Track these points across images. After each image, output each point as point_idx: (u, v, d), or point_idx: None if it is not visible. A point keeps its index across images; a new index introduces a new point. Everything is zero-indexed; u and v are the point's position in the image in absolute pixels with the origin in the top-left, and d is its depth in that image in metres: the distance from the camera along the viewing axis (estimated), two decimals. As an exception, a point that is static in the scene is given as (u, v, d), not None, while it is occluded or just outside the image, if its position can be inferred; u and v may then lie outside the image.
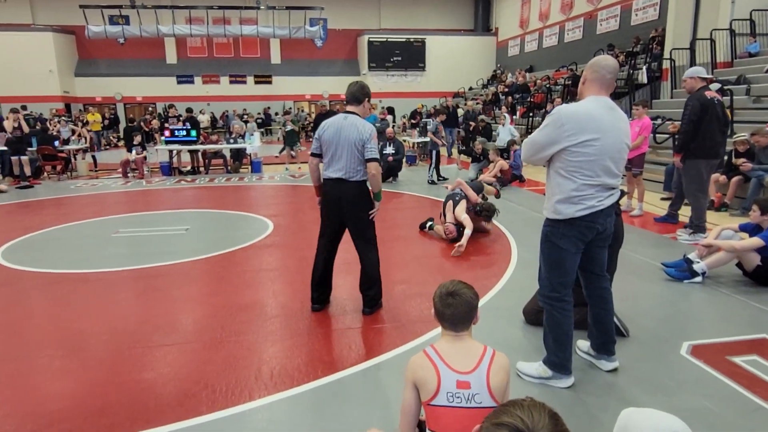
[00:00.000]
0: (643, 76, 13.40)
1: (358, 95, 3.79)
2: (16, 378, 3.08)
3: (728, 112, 7.01)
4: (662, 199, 8.26)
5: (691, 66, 11.67)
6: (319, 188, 3.94)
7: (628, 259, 5.01)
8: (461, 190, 6.27)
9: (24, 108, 11.49)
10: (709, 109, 5.56)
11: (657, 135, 9.79)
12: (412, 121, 20.42)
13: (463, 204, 6.01)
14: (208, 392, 2.87)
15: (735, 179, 7.37)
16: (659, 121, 10.08)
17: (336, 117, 3.80)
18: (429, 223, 6.50)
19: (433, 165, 10.67)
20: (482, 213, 6.06)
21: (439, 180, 10.66)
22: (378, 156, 3.73)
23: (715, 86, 8.78)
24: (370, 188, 3.85)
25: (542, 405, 1.22)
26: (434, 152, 10.65)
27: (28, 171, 11.16)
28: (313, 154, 3.90)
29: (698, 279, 4.41)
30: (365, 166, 3.70)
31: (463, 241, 5.53)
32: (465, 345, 1.92)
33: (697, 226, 5.87)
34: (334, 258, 4.06)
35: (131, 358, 3.29)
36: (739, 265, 4.44)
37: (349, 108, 3.81)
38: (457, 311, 1.89)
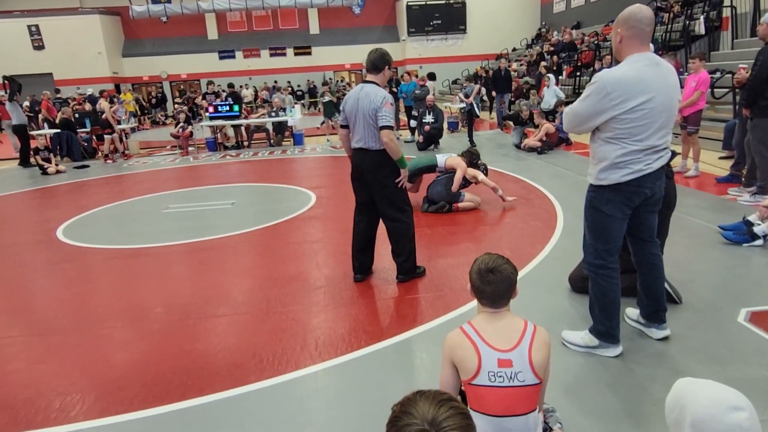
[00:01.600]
0: (700, 27, 12.51)
1: (378, 63, 3.75)
2: (81, 349, 3.28)
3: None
4: (720, 158, 7.80)
5: (755, 13, 10.82)
6: (351, 157, 3.97)
7: (682, 222, 4.78)
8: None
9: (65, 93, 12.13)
10: None
11: (715, 90, 9.18)
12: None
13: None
14: (256, 362, 2.97)
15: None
16: (718, 75, 9.44)
17: (355, 88, 3.83)
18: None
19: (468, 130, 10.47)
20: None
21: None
22: (392, 123, 3.67)
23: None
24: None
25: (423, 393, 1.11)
26: (470, 117, 10.43)
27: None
28: (342, 126, 3.97)
29: (759, 242, 4.17)
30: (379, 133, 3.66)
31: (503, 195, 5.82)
32: (505, 321, 1.84)
33: (762, 187, 5.52)
34: (376, 228, 4.05)
35: (184, 330, 3.44)
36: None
37: (369, 77, 3.80)
38: (498, 288, 1.80)
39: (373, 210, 3.96)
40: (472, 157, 6.24)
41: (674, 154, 2.76)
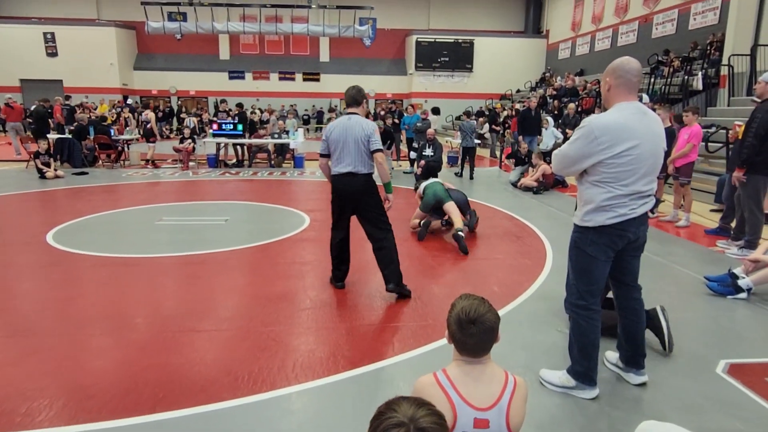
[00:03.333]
0: (698, 83, 12.82)
1: (357, 98, 4.21)
2: (56, 353, 3.25)
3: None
4: (712, 210, 7.89)
5: (752, 73, 11.10)
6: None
7: (669, 270, 4.82)
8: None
9: (46, 101, 12.35)
10: None
11: (710, 143, 9.35)
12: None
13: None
14: (231, 379, 2.94)
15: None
16: (713, 129, 9.62)
17: (341, 118, 4.18)
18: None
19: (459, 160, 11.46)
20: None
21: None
22: (382, 146, 4.14)
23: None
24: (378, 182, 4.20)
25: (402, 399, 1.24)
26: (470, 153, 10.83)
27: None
28: (322, 155, 4.29)
29: (743, 295, 4.19)
30: (371, 158, 4.08)
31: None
32: (484, 371, 1.69)
33: (750, 241, 5.57)
34: (349, 241, 4.39)
35: (162, 342, 3.41)
36: (790, 283, 4.19)
37: (350, 110, 4.21)
38: (480, 340, 1.66)
39: (348, 228, 4.34)
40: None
41: (658, 201, 2.83)
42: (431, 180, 6.75)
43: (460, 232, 5.70)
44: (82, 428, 2.49)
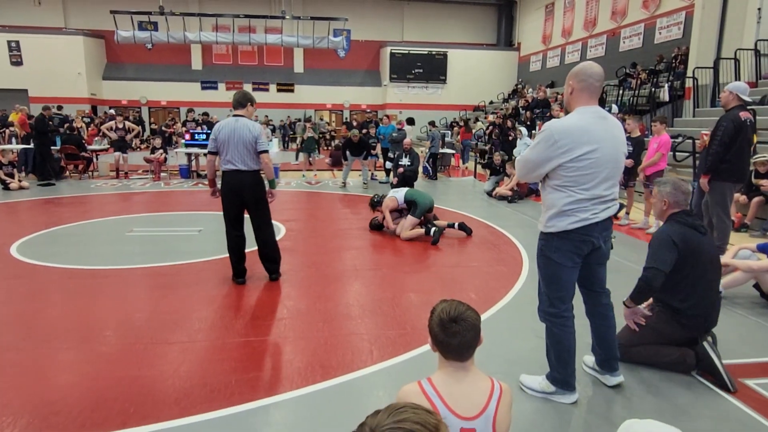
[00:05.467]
0: (665, 94, 13.23)
1: (242, 101, 4.56)
2: (20, 368, 3.11)
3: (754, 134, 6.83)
4: (681, 218, 8.08)
5: (715, 85, 11.50)
6: (213, 181, 4.84)
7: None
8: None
9: (47, 109, 11.91)
10: (741, 131, 5.38)
11: (677, 153, 9.62)
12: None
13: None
14: (206, 392, 2.85)
15: (756, 200, 7.19)
16: (680, 139, 9.91)
17: (228, 120, 4.55)
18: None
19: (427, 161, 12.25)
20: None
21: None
22: (268, 148, 4.61)
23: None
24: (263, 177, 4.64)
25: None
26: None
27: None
28: (210, 153, 4.63)
29: (714, 299, 4.28)
30: (258, 157, 4.51)
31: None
32: (470, 379, 1.68)
33: (719, 247, 5.72)
34: (245, 238, 4.77)
35: (134, 354, 3.30)
36: (756, 286, 4.30)
37: (236, 112, 4.57)
38: (464, 339, 1.64)
39: (241, 222, 4.74)
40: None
41: (621, 206, 2.87)
42: (404, 189, 6.81)
43: (450, 227, 6.75)
44: (47, 446, 2.38)
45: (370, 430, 1.07)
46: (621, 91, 14.79)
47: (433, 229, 6.47)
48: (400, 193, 6.83)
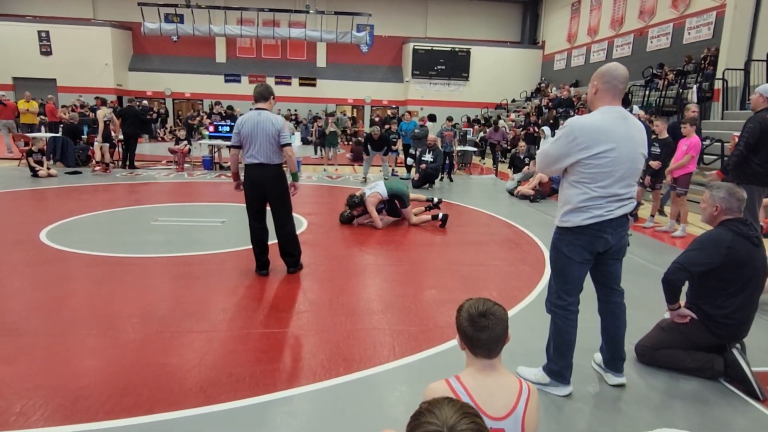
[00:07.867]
0: (693, 96, 12.95)
1: (265, 94, 4.57)
2: (50, 353, 3.18)
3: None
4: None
5: (745, 88, 11.22)
6: (237, 174, 4.84)
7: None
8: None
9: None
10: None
11: (705, 156, 9.43)
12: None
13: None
14: (231, 381, 2.89)
15: (788, 206, 7.01)
16: (708, 142, 9.71)
17: (251, 113, 4.53)
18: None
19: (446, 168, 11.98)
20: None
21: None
22: (291, 141, 4.61)
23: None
24: (286, 170, 4.70)
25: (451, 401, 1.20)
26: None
27: (107, 158, 11.74)
28: (233, 146, 4.68)
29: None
30: (281, 151, 4.53)
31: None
32: (498, 379, 1.67)
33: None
34: (267, 230, 4.80)
35: (159, 342, 3.36)
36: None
37: (258, 105, 4.57)
38: (494, 333, 1.64)
39: (264, 215, 4.76)
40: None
41: (638, 204, 2.86)
42: (381, 182, 7.22)
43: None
44: (78, 428, 2.43)
45: (447, 429, 1.10)
46: (647, 92, 14.53)
47: (441, 214, 7.19)
48: (380, 188, 7.02)
